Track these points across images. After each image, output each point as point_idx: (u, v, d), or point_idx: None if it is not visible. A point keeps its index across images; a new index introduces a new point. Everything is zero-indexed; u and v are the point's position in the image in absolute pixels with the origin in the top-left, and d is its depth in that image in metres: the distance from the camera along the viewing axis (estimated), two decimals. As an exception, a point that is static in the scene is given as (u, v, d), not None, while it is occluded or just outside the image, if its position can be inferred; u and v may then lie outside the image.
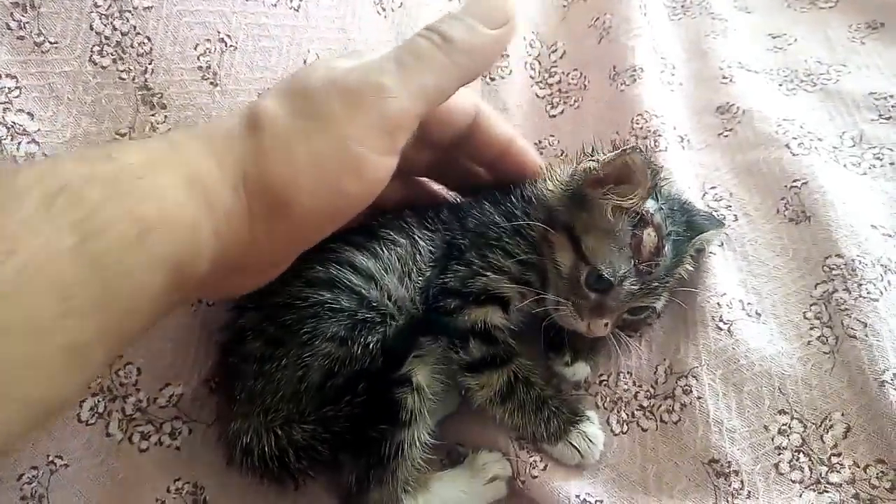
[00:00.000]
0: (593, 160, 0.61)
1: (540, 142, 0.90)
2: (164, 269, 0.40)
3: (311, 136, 0.46)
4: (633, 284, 0.60)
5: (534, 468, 0.63)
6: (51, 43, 0.58)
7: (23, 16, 0.57)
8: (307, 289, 0.61)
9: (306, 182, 0.46)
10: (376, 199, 0.49)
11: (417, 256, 0.65)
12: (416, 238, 0.66)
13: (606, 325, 0.62)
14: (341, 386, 0.59)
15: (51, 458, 0.59)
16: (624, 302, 0.61)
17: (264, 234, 0.46)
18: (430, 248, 0.66)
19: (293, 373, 0.60)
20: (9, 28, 0.56)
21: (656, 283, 0.61)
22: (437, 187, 0.73)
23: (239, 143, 0.46)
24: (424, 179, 0.72)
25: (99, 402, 0.61)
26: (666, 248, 0.60)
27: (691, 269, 0.66)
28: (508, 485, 0.64)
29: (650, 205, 0.60)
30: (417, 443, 0.61)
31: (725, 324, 0.64)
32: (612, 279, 0.59)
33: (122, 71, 0.62)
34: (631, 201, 0.58)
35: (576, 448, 0.62)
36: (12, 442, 0.38)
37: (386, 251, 0.64)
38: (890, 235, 0.67)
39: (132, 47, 0.62)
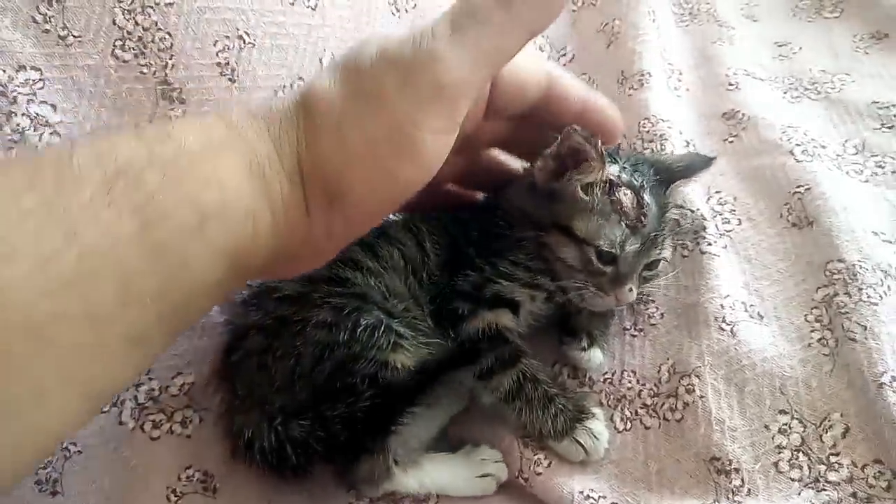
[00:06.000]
0: (539, 160, 0.62)
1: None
2: (222, 260, 0.38)
3: (364, 118, 0.41)
4: (633, 244, 0.61)
5: (538, 465, 0.63)
6: (74, 37, 0.60)
7: (48, 9, 0.58)
8: (308, 284, 0.62)
9: (360, 170, 0.42)
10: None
11: (426, 259, 0.66)
12: (424, 241, 0.66)
13: (631, 290, 0.63)
14: (330, 374, 0.59)
15: (65, 445, 0.60)
16: (635, 263, 0.62)
17: (321, 225, 0.43)
18: (437, 252, 0.66)
19: (287, 362, 0.60)
20: (34, 21, 0.58)
21: (654, 234, 0.62)
22: (503, 158, 0.66)
23: (293, 126, 0.42)
24: (493, 151, 0.65)
25: (113, 389, 0.62)
26: (646, 198, 0.61)
27: (677, 208, 0.69)
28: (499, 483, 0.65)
29: (613, 169, 0.61)
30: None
31: (728, 325, 0.65)
32: (613, 250, 0.61)
33: (143, 65, 0.63)
34: (593, 174, 0.59)
35: (581, 445, 0.62)
36: (72, 429, 0.37)
37: (388, 251, 0.65)
38: (890, 241, 0.68)
39: (153, 42, 0.63)
